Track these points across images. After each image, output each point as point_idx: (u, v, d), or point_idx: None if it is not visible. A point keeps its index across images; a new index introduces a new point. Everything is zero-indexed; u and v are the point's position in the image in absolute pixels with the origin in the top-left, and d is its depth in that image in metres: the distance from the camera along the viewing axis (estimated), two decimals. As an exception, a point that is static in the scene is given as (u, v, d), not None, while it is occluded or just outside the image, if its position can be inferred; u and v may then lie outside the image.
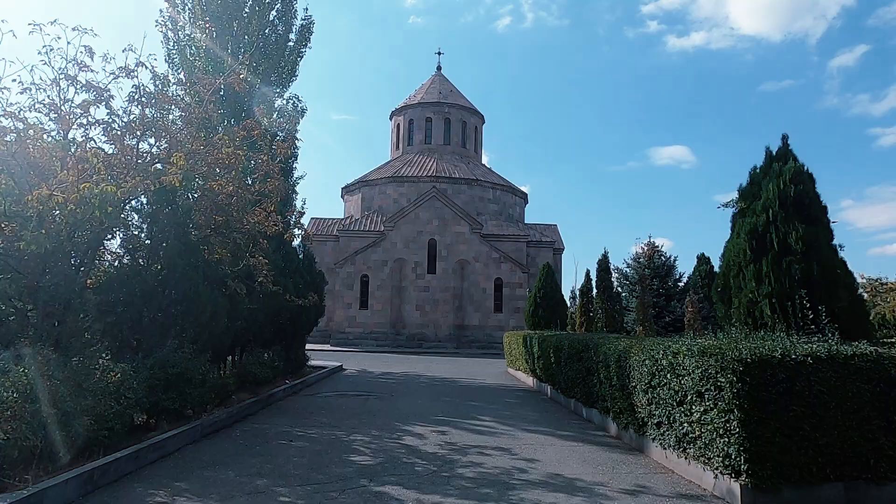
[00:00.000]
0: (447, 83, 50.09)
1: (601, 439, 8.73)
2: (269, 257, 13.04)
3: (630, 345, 7.89)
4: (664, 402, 6.65)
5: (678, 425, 6.35)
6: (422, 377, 18.60)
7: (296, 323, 15.12)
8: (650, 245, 19.85)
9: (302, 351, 17.18)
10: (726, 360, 5.37)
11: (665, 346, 6.73)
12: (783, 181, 7.15)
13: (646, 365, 7.09)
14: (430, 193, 38.87)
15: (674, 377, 6.35)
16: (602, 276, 16.44)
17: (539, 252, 41.87)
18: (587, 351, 10.01)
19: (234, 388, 10.39)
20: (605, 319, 15.61)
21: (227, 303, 10.04)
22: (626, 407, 8.09)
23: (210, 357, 9.63)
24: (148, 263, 9.05)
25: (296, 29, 23.19)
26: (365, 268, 37.91)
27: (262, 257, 11.16)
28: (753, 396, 5.22)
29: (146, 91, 8.94)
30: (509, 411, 11.57)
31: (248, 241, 10.43)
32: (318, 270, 17.87)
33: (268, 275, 11.22)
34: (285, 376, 14.94)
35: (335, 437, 8.61)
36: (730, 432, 5.37)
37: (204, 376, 9.01)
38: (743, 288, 7.16)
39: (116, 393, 6.58)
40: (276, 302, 12.71)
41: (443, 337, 37.31)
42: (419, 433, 8.98)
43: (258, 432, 8.84)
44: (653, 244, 19.83)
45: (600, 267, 16.60)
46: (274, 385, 13.35)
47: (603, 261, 16.54)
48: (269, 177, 10.36)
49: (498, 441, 8.47)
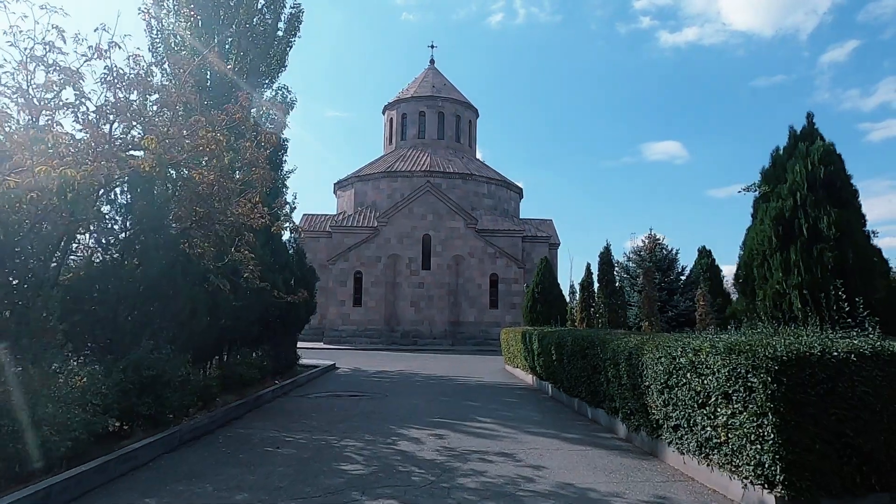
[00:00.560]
0: (440, 77, 49.42)
1: (610, 442, 8.17)
2: (257, 252, 12.42)
3: (642, 342, 7.34)
4: (683, 403, 6.10)
5: (700, 429, 5.79)
6: (417, 375, 18.03)
7: (285, 321, 14.51)
8: (651, 238, 19.31)
9: (293, 350, 16.57)
10: (759, 359, 4.81)
11: (684, 342, 6.17)
12: (811, 162, 6.58)
13: (661, 363, 6.53)
14: (424, 188, 38.25)
15: (695, 377, 5.79)
16: (604, 269, 15.85)
17: (534, 247, 41.32)
18: (593, 348, 9.46)
19: (218, 391, 9.78)
20: (609, 315, 15.06)
21: (210, 300, 9.43)
22: (637, 408, 7.54)
23: (191, 357, 9.01)
24: (123, 258, 8.41)
25: (284, 18, 22.47)
26: (358, 264, 37.27)
27: (248, 251, 10.52)
28: (790, 398, 4.66)
29: (119, 73, 8.30)
30: (510, 412, 11.01)
31: (233, 234, 9.80)
32: (309, 266, 17.25)
33: (254, 270, 10.58)
34: (275, 376, 14.33)
35: (325, 442, 8.02)
36: (763, 438, 4.82)
37: (184, 378, 8.40)
38: (769, 278, 6.60)
39: (82, 399, 5.97)
40: (264, 299, 12.09)
41: (438, 334, 36.73)
42: (415, 437, 8.40)
43: (242, 438, 8.23)
44: (654, 237, 19.31)
45: (602, 260, 16.02)
46: (262, 386, 12.74)
47: (605, 254, 15.96)
48: (253, 165, 9.72)
49: (500, 445, 7.90)
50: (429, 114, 46.05)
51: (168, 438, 7.27)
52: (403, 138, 46.52)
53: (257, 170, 9.59)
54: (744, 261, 7.08)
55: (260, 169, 9.60)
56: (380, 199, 41.19)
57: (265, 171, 9.60)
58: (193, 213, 9.35)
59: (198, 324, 8.76)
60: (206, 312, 9.06)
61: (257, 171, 9.59)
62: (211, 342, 10.01)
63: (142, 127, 8.28)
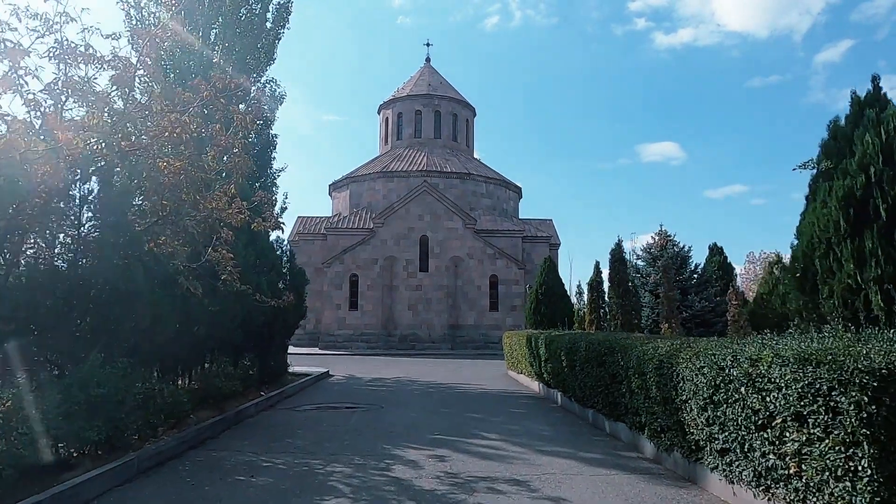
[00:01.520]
0: (437, 75, 48.39)
1: (637, 464, 7.11)
2: (238, 252, 11.38)
3: (676, 348, 6.29)
4: (735, 424, 5.05)
5: (759, 456, 4.74)
6: (415, 383, 16.96)
7: (272, 326, 13.43)
8: (661, 234, 18.27)
9: (281, 357, 15.48)
10: (848, 372, 3.76)
11: (735, 350, 5.12)
12: (885, 130, 5.54)
13: (704, 374, 5.48)
14: (421, 188, 37.19)
15: (752, 392, 4.74)
16: (616, 267, 14.72)
17: (535, 247, 40.25)
18: (612, 354, 8.40)
19: (191, 406, 8.70)
20: (622, 317, 13.98)
21: (181, 304, 8.36)
22: (670, 425, 6.49)
23: (159, 370, 7.93)
24: (77, 258, 7.35)
25: (273, 8, 21.50)
26: (354, 267, 36.16)
27: (227, 251, 9.46)
28: (894, 423, 3.62)
29: (69, 46, 7.26)
30: (517, 425, 9.95)
31: (207, 230, 8.74)
32: (299, 268, 16.18)
33: (233, 272, 9.51)
34: (262, 387, 13.26)
35: (309, 467, 6.94)
36: (855, 474, 3.77)
37: (148, 394, 7.34)
38: (837, 272, 5.55)
39: (4, 427, 4.89)
40: (247, 303, 11.02)
41: (436, 337, 35.63)
42: (412, 459, 7.33)
43: (213, 463, 7.15)
44: (664, 233, 18.26)
45: (613, 258, 14.92)
46: (246, 398, 11.66)
47: (616, 251, 14.84)
48: (228, 153, 8.67)
49: (511, 469, 6.84)
50: (425, 112, 45.00)
51: (121, 468, 6.19)
52: (399, 138, 45.46)
53: (233, 157, 8.54)
54: (801, 251, 5.99)
55: (236, 157, 8.55)
56: (375, 200, 40.09)
57: (242, 159, 8.55)
58: (161, 208, 8.31)
59: (163, 332, 7.70)
60: (174, 319, 7.99)
61: (233, 158, 8.54)
62: (182, 352, 8.92)
63: (95, 107, 7.24)
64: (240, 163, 8.36)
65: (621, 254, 15.18)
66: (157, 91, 7.13)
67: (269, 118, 20.49)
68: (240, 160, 8.38)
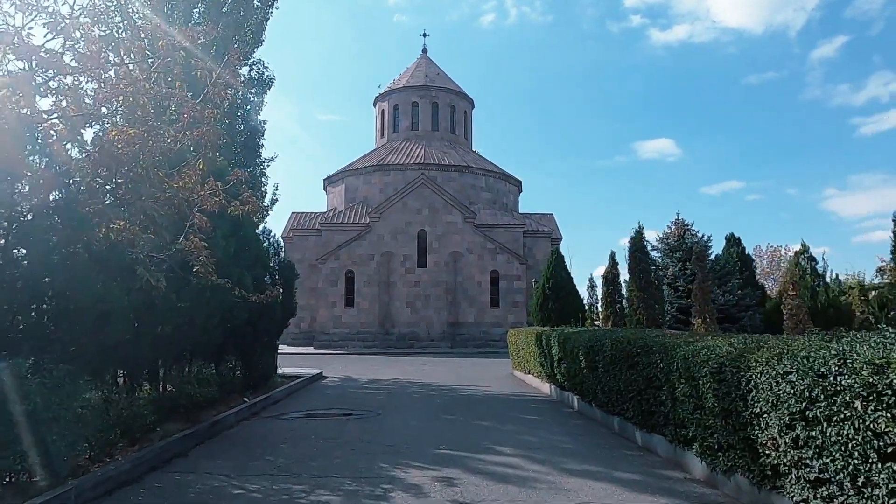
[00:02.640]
0: (434, 66, 47.09)
1: (687, 487, 5.90)
2: (218, 242, 10.14)
3: (746, 348, 5.07)
4: (841, 448, 3.83)
5: (885, 494, 3.52)
6: (415, 385, 15.74)
7: (257, 325, 12.17)
8: (679, 223, 17.01)
9: (269, 358, 14.20)
10: None
11: (841, 351, 3.90)
12: None
13: (792, 382, 4.26)
14: (418, 181, 35.92)
15: (877, 409, 3.52)
16: (637, 258, 13.34)
17: (536, 242, 39.06)
18: (647, 355, 7.18)
19: (156, 419, 7.45)
20: (645, 312, 12.67)
21: (141, 300, 7.11)
22: (732, 443, 5.27)
23: (114, 377, 6.68)
24: (6, 244, 6.09)
25: (261, -14, 20.19)
26: (350, 263, 34.89)
27: (199, 239, 8.18)
28: None
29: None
30: (533, 435, 8.73)
31: (175, 215, 7.47)
32: (287, 261, 14.92)
33: (207, 262, 8.24)
34: (245, 392, 12.00)
35: (289, 496, 5.71)
36: None
37: (95, 408, 6.10)
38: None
39: None
40: (227, 299, 9.75)
41: (436, 336, 34.39)
42: (415, 483, 6.11)
43: (173, 490, 5.91)
44: (682, 222, 16.99)
45: (633, 247, 13.56)
46: (227, 405, 10.42)
47: (636, 239, 13.48)
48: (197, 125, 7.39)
49: (535, 497, 5.61)
50: (422, 104, 43.71)
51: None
52: (396, 131, 44.17)
53: (202, 128, 7.26)
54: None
55: (205, 126, 7.27)
56: (371, 195, 38.80)
57: (212, 129, 7.26)
58: (116, 188, 7.04)
59: (114, 332, 6.44)
60: (128, 316, 6.74)
61: (201, 129, 7.27)
62: (143, 355, 7.65)
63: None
64: (209, 132, 7.07)
65: (642, 243, 13.82)
66: (98, 36, 5.86)
67: (256, 103, 19.23)
68: (209, 130, 7.10)
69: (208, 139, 7.45)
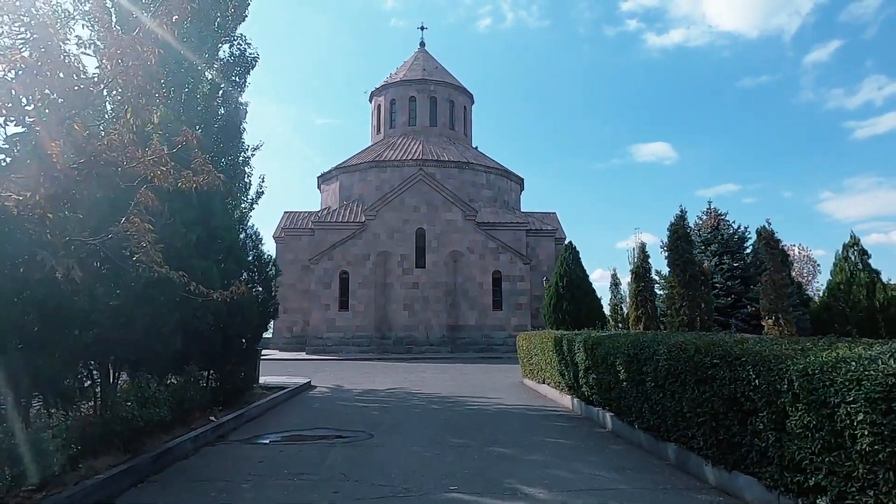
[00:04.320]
0: (432, 60, 45.32)
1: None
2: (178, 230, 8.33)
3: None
4: None
5: None
6: (414, 396, 13.87)
7: (227, 329, 10.30)
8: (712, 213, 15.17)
9: (246, 368, 12.29)
10: None
11: None
12: None
13: None
14: (416, 176, 34.07)
15: None
16: (679, 248, 11.23)
17: (539, 242, 37.27)
18: (732, 367, 5.33)
19: (69, 453, 5.57)
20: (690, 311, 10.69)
21: (42, 296, 5.24)
22: (910, 507, 3.43)
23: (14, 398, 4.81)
24: None
25: (243, -44, 18.39)
26: (344, 263, 32.98)
27: (141, 220, 6.30)
28: None
29: None
30: (568, 469, 6.85)
31: (93, 182, 5.61)
32: (268, 255, 13.04)
33: (150, 249, 6.35)
34: (213, 408, 10.12)
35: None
36: None
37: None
38: None
39: None
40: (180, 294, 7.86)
41: (435, 340, 32.50)
42: (420, 555, 4.24)
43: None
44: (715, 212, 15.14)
45: (674, 234, 11.55)
46: (187, 427, 8.55)
47: (678, 225, 11.41)
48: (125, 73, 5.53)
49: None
50: (420, 99, 41.89)
51: None
52: (392, 126, 42.36)
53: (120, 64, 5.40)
54: None
55: (132, 60, 5.41)
56: (367, 192, 36.91)
57: (140, 65, 5.41)
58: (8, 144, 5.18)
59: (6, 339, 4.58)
60: (17, 319, 4.89)
61: (121, 65, 5.40)
62: (49, 369, 5.69)
63: None
64: (134, 67, 5.20)
65: (685, 230, 11.71)
66: None
67: (237, 82, 17.39)
68: (135, 64, 5.23)
69: (141, 90, 5.64)
